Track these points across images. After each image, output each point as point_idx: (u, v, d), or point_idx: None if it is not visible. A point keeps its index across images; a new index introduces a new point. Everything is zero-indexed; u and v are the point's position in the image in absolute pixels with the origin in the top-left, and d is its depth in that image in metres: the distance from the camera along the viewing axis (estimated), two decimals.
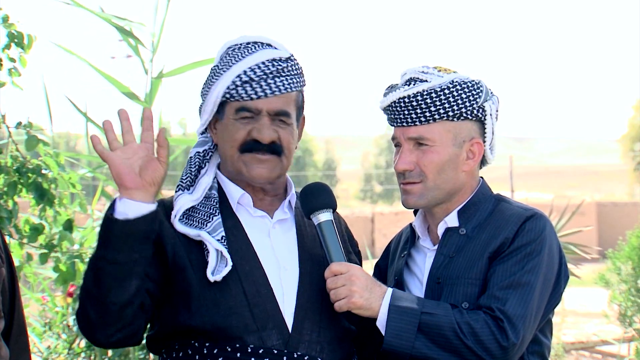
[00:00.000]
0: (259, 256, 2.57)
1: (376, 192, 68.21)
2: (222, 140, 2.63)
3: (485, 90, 2.67)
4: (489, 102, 2.67)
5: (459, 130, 2.65)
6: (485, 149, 2.71)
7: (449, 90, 2.62)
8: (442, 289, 2.62)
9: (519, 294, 2.51)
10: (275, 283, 2.55)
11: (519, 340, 2.48)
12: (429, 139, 2.64)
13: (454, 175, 2.67)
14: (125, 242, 2.38)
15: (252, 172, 2.60)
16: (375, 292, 2.52)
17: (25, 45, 3.87)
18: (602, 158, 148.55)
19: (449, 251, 2.65)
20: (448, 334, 2.46)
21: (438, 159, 2.64)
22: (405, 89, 2.65)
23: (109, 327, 2.42)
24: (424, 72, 2.67)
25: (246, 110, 2.58)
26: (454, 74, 2.66)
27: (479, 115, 2.66)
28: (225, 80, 2.58)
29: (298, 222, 2.68)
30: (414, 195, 2.68)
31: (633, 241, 7.44)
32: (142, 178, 2.42)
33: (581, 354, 10.46)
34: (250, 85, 2.57)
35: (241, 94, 2.57)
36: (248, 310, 2.49)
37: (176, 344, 2.55)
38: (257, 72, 2.58)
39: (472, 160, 2.69)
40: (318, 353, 2.53)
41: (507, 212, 2.65)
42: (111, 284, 2.39)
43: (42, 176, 3.75)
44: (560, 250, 2.66)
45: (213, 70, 2.64)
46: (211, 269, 2.48)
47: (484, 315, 2.49)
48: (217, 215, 2.57)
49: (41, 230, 3.80)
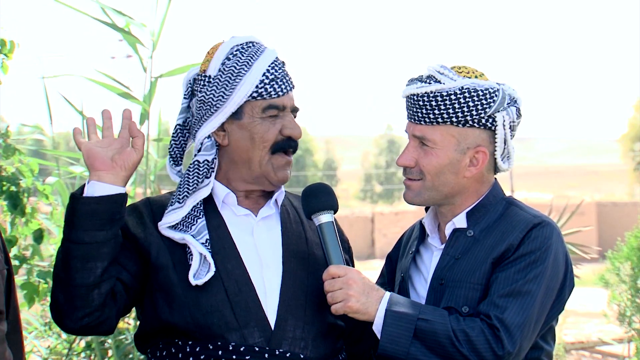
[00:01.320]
0: (241, 255, 2.58)
1: (376, 192, 68.16)
2: (243, 141, 2.60)
3: (500, 99, 2.62)
4: (502, 112, 2.62)
5: (464, 136, 2.62)
6: (496, 158, 2.67)
7: (456, 96, 2.59)
8: (444, 291, 2.61)
9: (519, 302, 2.50)
10: (258, 281, 2.56)
11: (515, 349, 2.47)
12: (431, 140, 2.63)
13: (454, 180, 2.65)
14: (90, 220, 2.42)
15: (279, 176, 2.62)
16: (372, 297, 2.52)
17: (7, 50, 3.85)
18: (602, 158, 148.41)
19: (455, 252, 2.64)
20: (443, 341, 2.46)
21: (437, 162, 2.63)
22: (418, 86, 2.64)
23: (76, 311, 2.46)
24: (440, 72, 2.64)
25: (274, 107, 2.59)
26: (468, 80, 2.62)
27: (487, 125, 2.62)
28: (251, 79, 2.57)
29: (283, 219, 2.68)
30: (412, 192, 2.69)
31: (632, 242, 7.44)
32: (113, 161, 2.48)
33: (581, 354, 10.47)
34: (276, 82, 2.59)
35: (270, 92, 2.58)
36: (229, 308, 2.51)
37: (160, 342, 2.57)
38: (277, 69, 2.60)
39: (475, 168, 2.66)
40: (301, 349, 2.54)
41: (516, 218, 2.63)
42: (77, 265, 2.43)
43: (17, 185, 3.74)
44: (567, 259, 2.63)
45: (228, 71, 2.59)
46: (193, 272, 2.50)
47: (480, 323, 2.48)
48: (201, 217, 2.58)
49: (15, 243, 3.79)
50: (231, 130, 2.61)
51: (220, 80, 2.59)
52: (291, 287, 2.59)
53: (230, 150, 2.62)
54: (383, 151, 70.89)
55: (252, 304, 2.53)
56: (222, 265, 2.54)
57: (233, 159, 2.63)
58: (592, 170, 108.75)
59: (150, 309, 2.57)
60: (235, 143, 2.61)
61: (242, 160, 2.61)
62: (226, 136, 2.61)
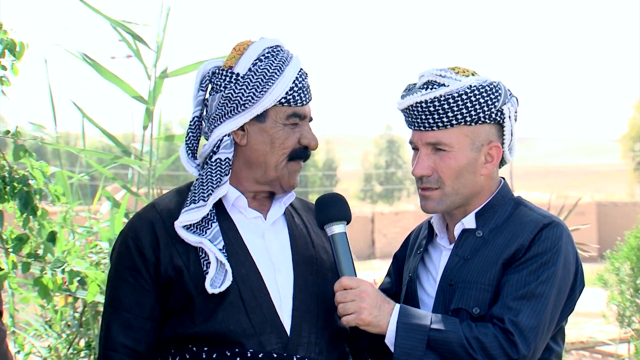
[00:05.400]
0: (254, 259, 2.56)
1: (376, 192, 68.15)
2: (262, 144, 2.58)
3: (504, 92, 2.62)
4: (507, 104, 2.62)
5: (477, 134, 2.61)
6: (504, 150, 2.67)
7: (467, 95, 2.58)
8: (454, 292, 2.60)
9: (532, 305, 2.48)
10: (272, 286, 2.54)
11: (529, 352, 2.46)
12: (447, 144, 2.60)
13: (473, 179, 2.63)
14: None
15: (292, 181, 2.61)
16: (384, 310, 2.50)
17: (17, 52, 3.86)
18: (602, 158, 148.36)
19: (464, 253, 2.62)
20: (457, 349, 2.44)
21: (456, 164, 2.60)
22: (422, 93, 2.60)
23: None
24: (441, 75, 2.62)
25: (297, 116, 2.58)
26: (471, 77, 2.61)
27: (497, 119, 2.62)
28: (282, 84, 2.55)
29: (289, 222, 2.67)
30: (432, 201, 2.65)
31: (631, 241, 7.41)
32: None
33: (581, 354, 10.46)
34: (303, 91, 2.59)
35: (297, 100, 2.57)
36: (245, 315, 2.49)
37: (172, 347, 2.54)
38: (303, 78, 2.61)
39: (491, 164, 2.65)
40: (317, 355, 2.54)
41: (525, 218, 2.61)
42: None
43: (28, 186, 3.75)
44: (577, 259, 2.62)
45: (260, 73, 2.56)
46: (210, 280, 2.47)
47: (493, 329, 2.47)
48: (215, 221, 2.55)
49: (26, 240, 3.80)
50: (252, 132, 2.57)
51: (251, 81, 2.55)
52: (303, 292, 2.57)
53: (247, 151, 2.59)
54: (383, 151, 70.89)
55: (268, 310, 2.51)
56: (236, 270, 2.50)
57: (249, 160, 2.60)
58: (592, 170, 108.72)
59: (168, 323, 2.54)
60: (254, 145, 2.58)
61: (258, 162, 2.59)
62: (245, 136, 2.58)
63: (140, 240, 2.54)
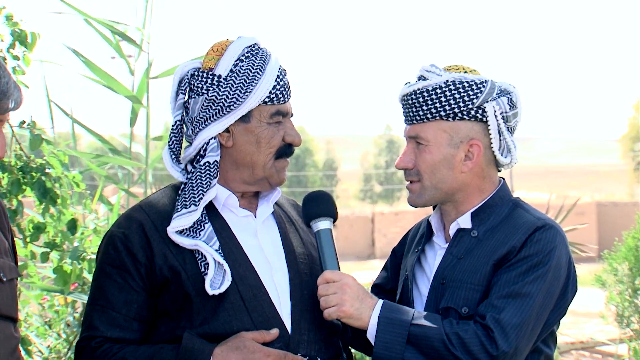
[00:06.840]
0: (249, 258, 2.56)
1: (376, 192, 68.17)
2: (248, 145, 2.58)
3: (487, 90, 2.61)
4: (491, 102, 2.60)
5: (456, 130, 2.62)
6: (494, 151, 2.65)
7: (441, 90, 2.60)
8: (444, 291, 2.61)
9: (517, 303, 2.48)
10: (269, 285, 2.55)
11: (510, 349, 2.46)
12: (424, 138, 2.63)
13: (451, 175, 2.64)
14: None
15: (281, 178, 2.62)
16: (366, 303, 2.51)
17: (29, 43, 3.89)
18: (602, 158, 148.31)
19: (458, 252, 2.63)
20: (437, 345, 2.45)
21: (431, 159, 2.63)
22: (407, 86, 2.66)
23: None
24: (428, 70, 2.66)
25: (280, 114, 2.59)
26: (454, 73, 2.62)
27: (477, 116, 2.61)
28: (266, 84, 2.56)
29: (278, 219, 2.69)
30: (413, 194, 2.69)
31: (629, 242, 7.38)
32: None
33: (581, 354, 10.47)
34: (284, 88, 2.60)
35: (279, 97, 2.58)
36: (247, 315, 2.50)
37: None
38: (283, 75, 2.61)
39: (471, 162, 2.64)
40: (317, 352, 2.55)
41: (519, 220, 2.61)
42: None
43: (46, 175, 3.76)
44: (570, 262, 2.61)
45: (243, 73, 2.56)
46: (209, 282, 2.47)
47: (473, 326, 2.48)
48: (207, 222, 2.55)
49: (43, 229, 3.81)
50: (237, 133, 2.58)
51: (234, 82, 2.55)
52: (299, 290, 2.58)
53: (234, 152, 2.59)
54: (383, 151, 70.96)
55: (268, 309, 2.52)
56: (234, 270, 2.50)
57: (235, 161, 2.60)
58: (592, 170, 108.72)
59: (167, 324, 2.54)
60: (240, 146, 2.58)
61: (245, 162, 2.59)
62: (230, 138, 2.58)
63: (130, 240, 2.53)
